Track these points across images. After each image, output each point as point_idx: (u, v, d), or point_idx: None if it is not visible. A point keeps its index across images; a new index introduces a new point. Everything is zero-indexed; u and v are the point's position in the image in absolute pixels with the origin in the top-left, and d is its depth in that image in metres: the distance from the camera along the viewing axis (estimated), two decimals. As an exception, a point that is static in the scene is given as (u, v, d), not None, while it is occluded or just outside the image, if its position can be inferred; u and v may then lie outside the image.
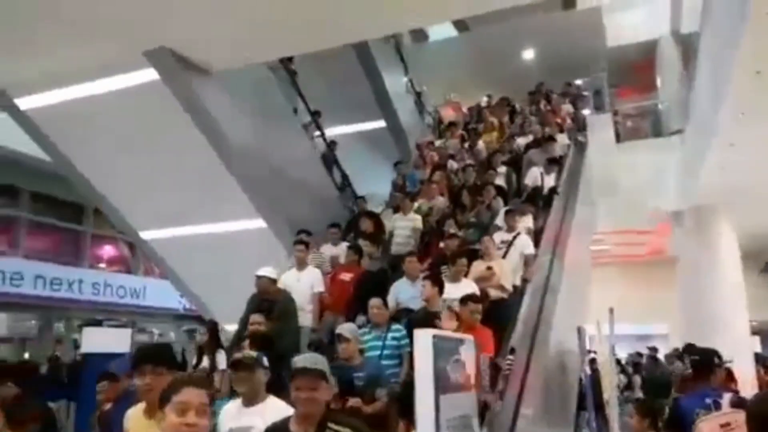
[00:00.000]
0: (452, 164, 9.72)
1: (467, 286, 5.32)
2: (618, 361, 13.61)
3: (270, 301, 5.45)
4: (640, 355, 14.24)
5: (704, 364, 4.04)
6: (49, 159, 7.95)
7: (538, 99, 12.77)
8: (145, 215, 8.23)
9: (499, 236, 6.54)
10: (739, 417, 2.91)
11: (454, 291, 5.16)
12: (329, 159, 10.14)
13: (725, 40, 7.31)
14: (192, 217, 8.02)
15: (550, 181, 8.39)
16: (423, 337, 2.22)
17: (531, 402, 4.27)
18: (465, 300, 4.64)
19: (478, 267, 5.89)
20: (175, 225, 8.24)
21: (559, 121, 10.96)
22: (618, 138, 12.94)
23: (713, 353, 4.14)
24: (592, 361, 8.64)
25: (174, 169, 7.42)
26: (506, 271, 5.91)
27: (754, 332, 13.69)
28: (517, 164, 9.21)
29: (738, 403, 3.53)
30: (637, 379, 12.46)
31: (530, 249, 6.41)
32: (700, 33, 9.14)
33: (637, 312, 17.52)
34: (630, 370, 13.43)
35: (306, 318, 5.95)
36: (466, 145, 10.94)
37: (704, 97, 9.27)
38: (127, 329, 9.93)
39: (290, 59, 10.20)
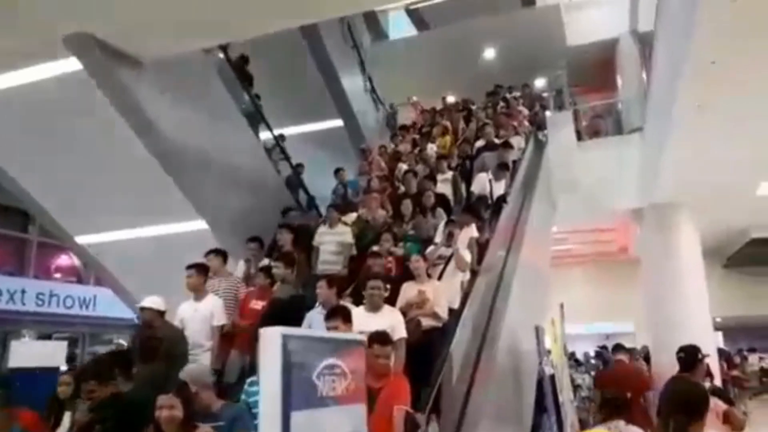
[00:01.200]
0: (402, 168, 9.07)
1: (387, 317, 4.42)
2: (577, 361, 13.53)
3: (157, 338, 4.55)
4: (599, 354, 14.19)
5: (689, 360, 4.62)
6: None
7: (496, 101, 12.48)
8: (80, 218, 7.71)
9: (435, 252, 5.88)
10: (718, 403, 4.11)
11: (369, 323, 4.21)
12: (294, 182, 9.58)
13: (679, 31, 7.18)
14: (130, 220, 7.54)
15: (499, 188, 7.74)
16: (270, 338, 1.73)
17: (477, 412, 4.00)
18: (369, 341, 3.67)
19: (409, 291, 5.16)
20: (112, 228, 7.75)
21: (515, 124, 10.51)
22: (579, 136, 12.86)
23: (697, 350, 4.67)
24: (554, 361, 8.45)
25: (107, 168, 6.96)
26: (441, 295, 5.14)
27: (717, 328, 13.70)
28: (465, 169, 8.56)
29: (714, 391, 4.32)
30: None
31: (469, 258, 5.81)
32: (655, 27, 9.03)
33: (602, 311, 17.61)
34: (601, 366, 13.31)
35: (205, 357, 4.99)
36: (416, 150, 10.32)
37: (660, 92, 9.17)
38: (62, 342, 9.28)
39: (251, 83, 9.73)
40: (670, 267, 11.70)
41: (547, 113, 12.58)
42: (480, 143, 9.50)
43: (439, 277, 5.59)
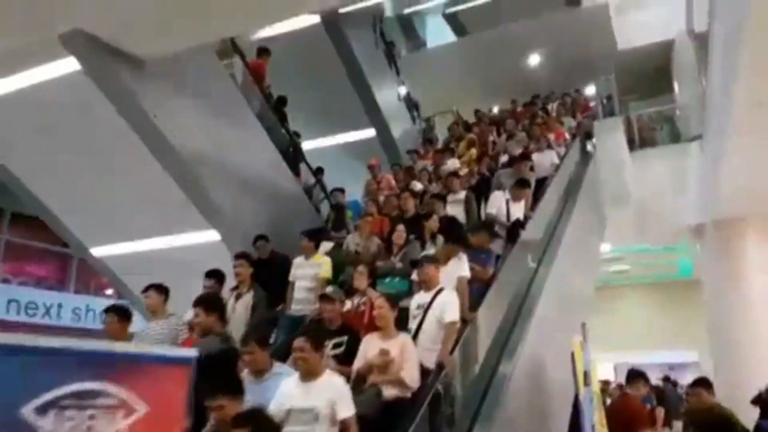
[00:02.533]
0: (415, 186, 8.15)
1: (324, 388, 3.24)
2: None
3: None
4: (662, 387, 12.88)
5: None
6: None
7: (534, 112, 11.62)
8: (94, 230, 7.58)
9: (415, 299, 4.51)
10: None
11: (299, 396, 3.21)
12: (340, 222, 8.28)
13: (733, 23, 6.36)
14: (144, 231, 7.34)
15: (518, 210, 6.57)
16: None
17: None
18: None
19: (370, 348, 3.92)
20: (126, 240, 7.56)
21: (551, 136, 9.30)
22: (631, 146, 11.97)
23: None
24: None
25: (116, 177, 6.76)
26: (411, 355, 3.87)
27: (795, 360, 12.25)
28: (483, 188, 7.56)
29: None
30: (660, 412, 11.11)
31: (452, 315, 4.17)
32: (709, 21, 8.18)
33: (665, 339, 16.19)
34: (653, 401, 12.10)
35: None
36: (432, 166, 9.11)
37: (717, 91, 8.26)
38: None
39: (284, 107, 9.35)
40: (737, 290, 10.55)
41: (595, 122, 11.75)
42: (504, 158, 8.62)
43: (415, 334, 4.21)
